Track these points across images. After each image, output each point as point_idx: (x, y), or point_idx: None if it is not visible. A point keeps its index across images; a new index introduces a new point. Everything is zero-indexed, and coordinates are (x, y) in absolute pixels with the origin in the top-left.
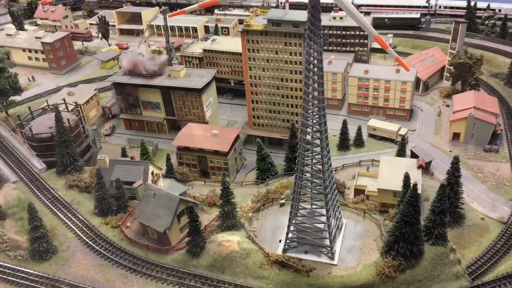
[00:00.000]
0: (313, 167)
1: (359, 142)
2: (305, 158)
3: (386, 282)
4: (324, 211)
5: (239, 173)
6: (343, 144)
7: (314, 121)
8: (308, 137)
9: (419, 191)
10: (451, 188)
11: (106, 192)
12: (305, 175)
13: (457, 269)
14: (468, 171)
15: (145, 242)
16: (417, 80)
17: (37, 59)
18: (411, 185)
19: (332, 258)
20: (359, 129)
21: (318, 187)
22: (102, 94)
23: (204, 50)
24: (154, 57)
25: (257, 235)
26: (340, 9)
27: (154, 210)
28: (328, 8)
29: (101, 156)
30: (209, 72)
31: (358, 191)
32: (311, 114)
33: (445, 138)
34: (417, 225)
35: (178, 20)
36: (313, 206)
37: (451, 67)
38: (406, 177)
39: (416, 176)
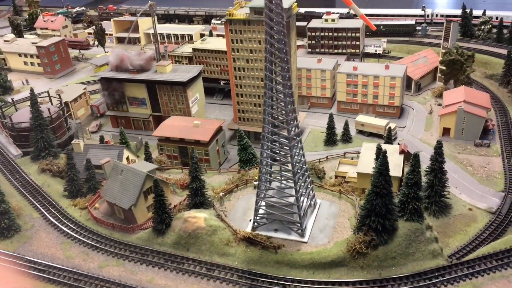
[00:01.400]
0: (281, 159)
1: (346, 138)
2: (272, 150)
3: (357, 259)
4: (293, 185)
5: (222, 167)
6: (330, 139)
7: (279, 109)
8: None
9: (397, 174)
10: (435, 175)
11: (77, 174)
12: (271, 169)
13: (433, 247)
14: (458, 164)
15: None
16: (409, 80)
17: (32, 64)
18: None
19: (302, 235)
20: (346, 123)
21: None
22: (93, 96)
23: (194, 50)
24: (140, 53)
25: (227, 214)
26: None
27: (120, 187)
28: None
29: (75, 140)
30: (196, 67)
31: (339, 178)
32: (275, 101)
33: (435, 135)
34: (389, 197)
35: (175, 28)
36: (282, 183)
37: (443, 65)
38: (379, 148)
39: (398, 162)
